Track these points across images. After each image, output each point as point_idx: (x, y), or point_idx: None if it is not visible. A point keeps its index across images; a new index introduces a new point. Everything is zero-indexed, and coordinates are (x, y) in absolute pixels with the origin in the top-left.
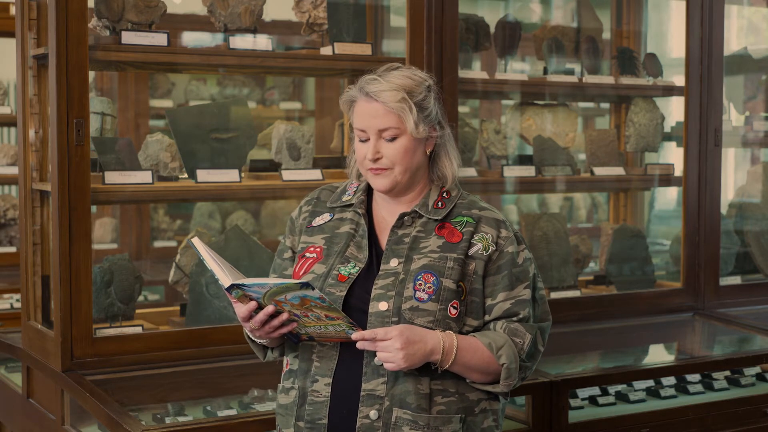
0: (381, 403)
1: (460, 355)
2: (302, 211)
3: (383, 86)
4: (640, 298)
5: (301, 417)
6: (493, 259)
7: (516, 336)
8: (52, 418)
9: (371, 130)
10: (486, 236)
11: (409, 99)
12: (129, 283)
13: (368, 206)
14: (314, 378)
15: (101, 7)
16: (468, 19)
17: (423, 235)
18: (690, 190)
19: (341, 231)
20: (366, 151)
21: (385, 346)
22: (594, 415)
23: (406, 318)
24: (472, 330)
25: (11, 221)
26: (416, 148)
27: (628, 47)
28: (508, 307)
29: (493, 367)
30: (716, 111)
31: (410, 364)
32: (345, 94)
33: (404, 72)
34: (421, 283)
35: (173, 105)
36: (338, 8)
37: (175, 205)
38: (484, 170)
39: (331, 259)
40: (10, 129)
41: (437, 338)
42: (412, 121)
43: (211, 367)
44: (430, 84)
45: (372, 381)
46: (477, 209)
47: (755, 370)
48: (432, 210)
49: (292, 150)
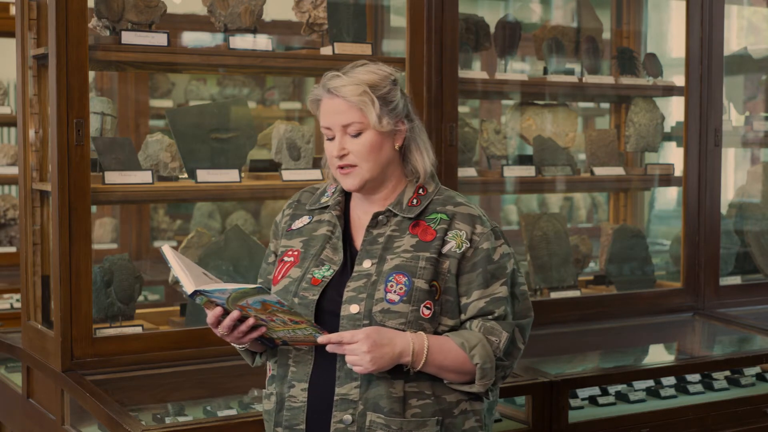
0: (355, 408)
1: (431, 356)
2: (284, 215)
3: (344, 81)
4: (640, 298)
5: (279, 423)
6: (467, 256)
7: (492, 335)
8: (52, 418)
9: (335, 127)
10: (460, 233)
11: (371, 92)
12: (129, 283)
13: (346, 207)
14: (291, 383)
15: (101, 7)
16: (468, 19)
17: (397, 234)
18: (690, 190)
19: (318, 233)
20: (333, 149)
21: (351, 349)
22: (594, 415)
23: (377, 320)
24: (448, 330)
25: (11, 221)
26: (383, 142)
27: (628, 47)
28: (482, 305)
29: (467, 367)
30: (716, 111)
31: (378, 367)
32: (310, 94)
33: (368, 67)
34: (393, 285)
35: (173, 105)
36: (338, 8)
37: (175, 205)
38: (484, 170)
39: (307, 262)
40: (10, 129)
41: (406, 340)
42: (374, 114)
43: (211, 367)
44: (396, 78)
45: (345, 385)
46: (452, 205)
47: (755, 370)
48: (406, 208)
49: (292, 150)
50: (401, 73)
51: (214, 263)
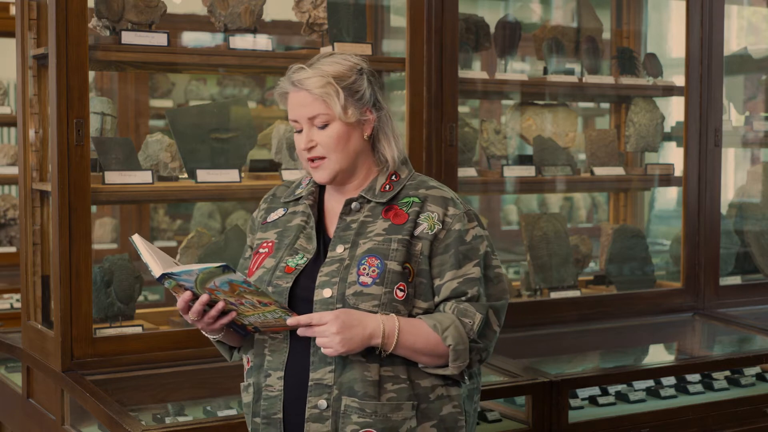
0: (329, 392)
1: (403, 338)
2: (260, 209)
3: (308, 73)
4: (640, 298)
5: (257, 413)
6: (439, 238)
7: (465, 316)
8: (52, 418)
9: (302, 120)
10: (432, 215)
11: (336, 84)
12: (129, 283)
13: (320, 198)
14: (267, 372)
15: (101, 7)
16: (468, 19)
17: (370, 219)
18: (690, 190)
19: (292, 224)
20: (300, 141)
21: (321, 330)
22: (594, 415)
23: (350, 303)
24: (422, 312)
25: (11, 221)
26: (350, 133)
27: (628, 47)
28: (455, 286)
29: (441, 349)
30: (716, 111)
31: (348, 348)
32: (277, 87)
33: (334, 58)
34: (365, 267)
35: (173, 105)
36: (338, 8)
37: (175, 205)
38: (484, 170)
39: (281, 252)
40: (10, 129)
41: (377, 321)
42: (339, 105)
43: (211, 367)
44: (362, 67)
45: (319, 370)
46: (424, 189)
47: (755, 370)
48: (379, 194)
49: (292, 150)
50: (366, 65)
51: None
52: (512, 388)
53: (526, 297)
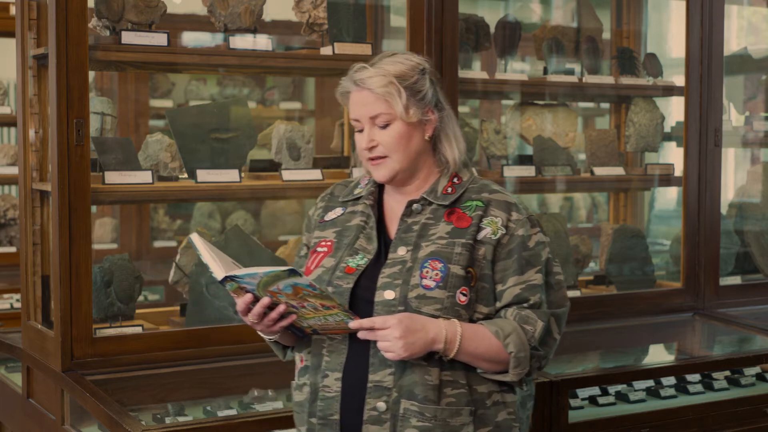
0: (389, 395)
1: (464, 343)
2: (317, 208)
3: (370, 72)
4: (640, 298)
5: (313, 413)
6: (502, 243)
7: (527, 323)
8: (52, 418)
9: (363, 119)
10: (495, 220)
11: (398, 83)
12: (129, 283)
13: (380, 198)
14: (324, 373)
15: (101, 7)
16: (468, 19)
17: (432, 221)
18: (690, 190)
19: (352, 224)
20: (362, 140)
21: (384, 335)
22: (594, 415)
23: (413, 306)
24: (483, 317)
25: (11, 221)
26: (412, 133)
27: (628, 47)
28: (518, 292)
29: (502, 356)
30: (716, 111)
31: (411, 353)
32: (339, 87)
33: (396, 58)
34: (428, 270)
35: (173, 105)
36: (338, 8)
37: (175, 205)
38: (484, 170)
39: (341, 252)
40: (10, 129)
41: (439, 327)
42: (401, 105)
43: (211, 367)
44: (425, 67)
45: (379, 372)
46: (487, 192)
47: (755, 370)
48: (441, 196)
49: (292, 150)
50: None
51: None
52: None
53: None
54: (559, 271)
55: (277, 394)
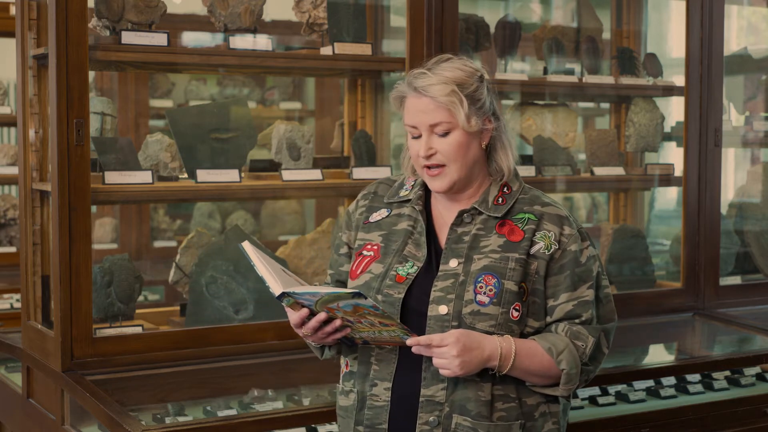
0: (440, 410)
1: (518, 360)
2: (359, 206)
3: (432, 80)
4: (640, 298)
5: (360, 422)
6: (555, 258)
7: (578, 339)
8: (52, 418)
9: (422, 126)
10: (548, 234)
11: (460, 92)
12: (129, 283)
13: (426, 201)
14: (373, 382)
15: (101, 7)
16: (468, 19)
17: (483, 233)
18: (690, 190)
19: (399, 228)
20: (419, 148)
21: (441, 352)
22: (594, 415)
23: (467, 322)
24: (533, 331)
25: (11, 221)
26: (470, 142)
27: (628, 47)
28: (570, 308)
29: (553, 372)
30: (716, 111)
31: (467, 371)
32: (394, 90)
33: (454, 64)
34: (482, 286)
35: (173, 105)
36: (338, 8)
37: (175, 205)
38: None
39: (389, 258)
40: (10, 129)
41: (495, 344)
42: (463, 114)
43: (211, 367)
44: (483, 74)
45: (432, 387)
46: (539, 205)
47: (755, 370)
48: (492, 207)
49: (292, 150)
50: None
51: (214, 263)
52: None
53: None
54: (607, 285)
55: (277, 394)
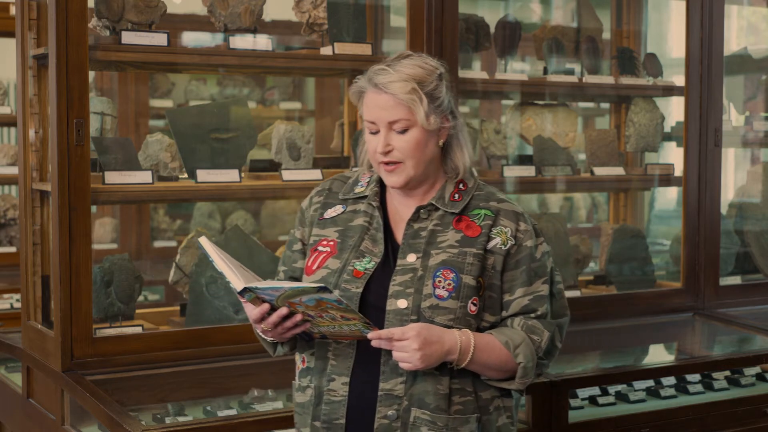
0: (399, 403)
1: (477, 354)
2: (313, 202)
3: (393, 77)
4: (640, 298)
5: (317, 417)
6: (511, 253)
7: (534, 333)
8: (52, 418)
9: (381, 123)
10: (505, 230)
11: (420, 89)
12: (129, 283)
13: (381, 198)
14: (331, 377)
15: (101, 7)
16: (468, 19)
17: (440, 228)
18: (690, 190)
19: (355, 224)
20: (377, 143)
21: (402, 346)
22: (594, 415)
23: (426, 316)
24: (489, 326)
25: (11, 221)
26: (428, 140)
27: (628, 47)
28: (526, 303)
29: (509, 366)
30: (716, 111)
31: (427, 364)
32: (354, 85)
33: (415, 61)
34: (441, 280)
35: (173, 105)
36: (338, 8)
37: (175, 205)
38: (484, 170)
39: (346, 254)
40: (10, 129)
41: (454, 338)
42: (422, 112)
43: (211, 367)
44: (442, 72)
45: (390, 380)
46: (495, 201)
47: (755, 370)
48: (449, 203)
49: (292, 150)
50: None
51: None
52: None
53: None
54: (560, 281)
55: (277, 394)
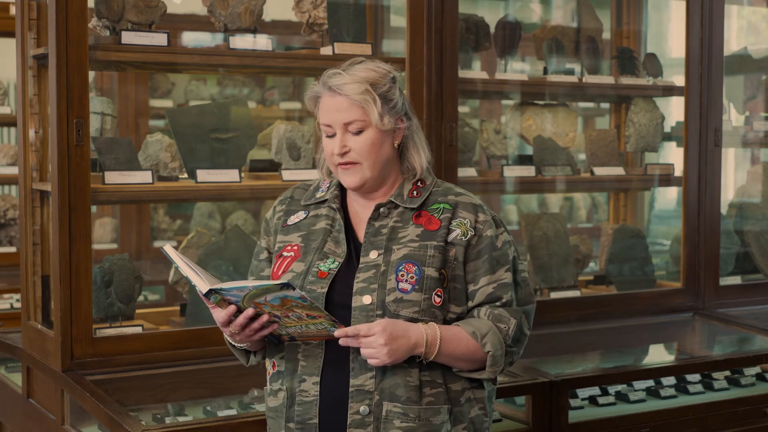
0: (371, 398)
1: (444, 346)
2: (276, 211)
3: (346, 79)
4: (640, 298)
5: (291, 418)
6: (472, 244)
7: (500, 322)
8: (52, 418)
9: (337, 125)
10: (464, 221)
11: (373, 91)
12: (129, 283)
13: (343, 201)
14: (301, 378)
15: (101, 7)
16: (468, 19)
17: (401, 225)
18: (690, 190)
19: (317, 227)
20: (333, 146)
21: (368, 342)
22: (594, 415)
23: (391, 310)
24: (455, 317)
25: (11, 221)
26: (383, 140)
27: (628, 47)
28: (490, 291)
29: (478, 355)
30: (716, 111)
31: (394, 359)
32: (309, 91)
33: (367, 65)
34: (404, 274)
35: (173, 105)
36: (338, 8)
37: (175, 205)
38: (484, 170)
39: (310, 256)
40: (10, 129)
41: (420, 331)
42: (376, 112)
43: (211, 367)
44: (395, 75)
45: (360, 376)
46: (453, 195)
47: (755, 370)
48: (407, 199)
49: (292, 150)
50: (401, 73)
51: (214, 263)
52: (512, 388)
53: None
54: (524, 269)
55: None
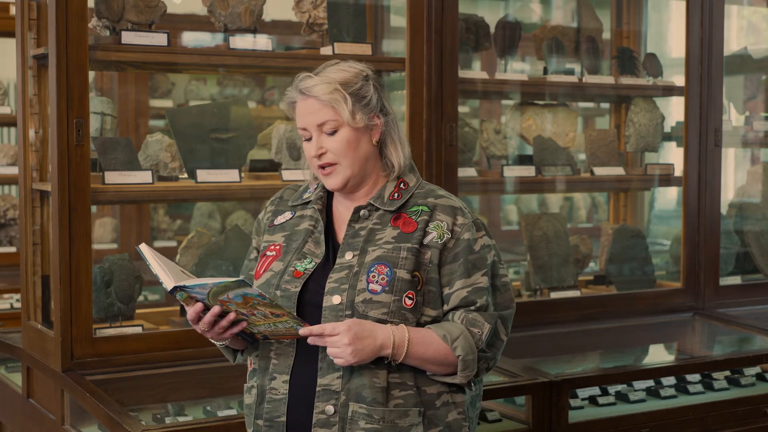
0: (337, 398)
1: (412, 348)
2: (267, 211)
3: (315, 81)
4: (640, 298)
5: (260, 415)
6: (448, 247)
7: (474, 326)
8: (52, 418)
9: (311, 127)
10: (441, 224)
11: (343, 90)
12: (129, 283)
13: (329, 203)
14: (272, 375)
15: (101, 7)
16: (468, 19)
17: (379, 227)
18: (690, 190)
19: (300, 228)
20: (311, 149)
21: (333, 341)
22: (594, 415)
23: (360, 311)
24: (430, 320)
25: (11, 221)
26: (359, 138)
27: (628, 47)
28: (465, 295)
29: (450, 359)
30: (716, 111)
31: (359, 359)
32: (284, 97)
33: (340, 66)
34: (375, 275)
35: (173, 105)
36: (338, 8)
37: (175, 205)
38: (484, 170)
39: (289, 256)
40: (10, 129)
41: (387, 332)
42: (347, 110)
43: (211, 367)
44: (368, 74)
45: (327, 376)
46: (433, 197)
47: (755, 370)
48: (387, 201)
49: (292, 150)
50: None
51: (214, 263)
52: (512, 388)
53: (526, 297)
54: (505, 274)
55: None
